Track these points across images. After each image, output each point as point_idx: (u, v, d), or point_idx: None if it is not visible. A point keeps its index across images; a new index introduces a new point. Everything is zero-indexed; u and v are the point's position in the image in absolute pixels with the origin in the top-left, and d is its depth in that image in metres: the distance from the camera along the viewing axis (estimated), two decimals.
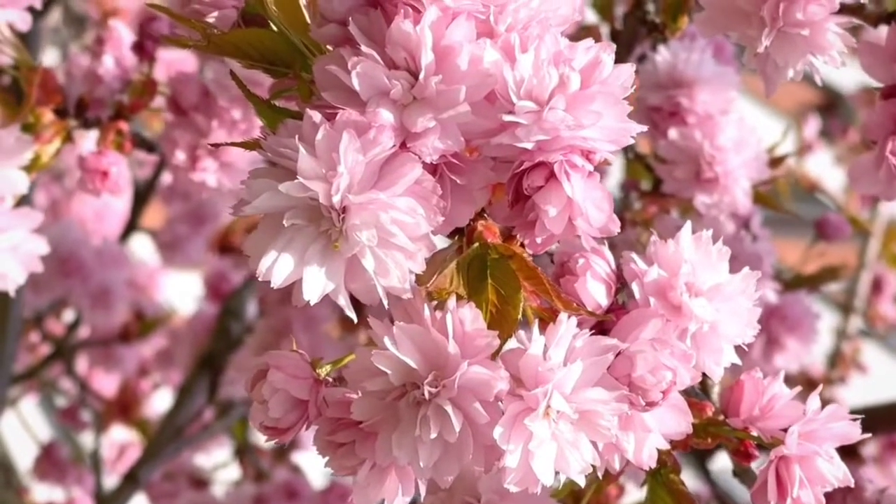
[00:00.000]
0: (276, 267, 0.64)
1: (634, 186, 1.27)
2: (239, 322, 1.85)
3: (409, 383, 0.66)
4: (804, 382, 1.86)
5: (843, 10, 0.84)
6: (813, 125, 2.01)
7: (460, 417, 0.65)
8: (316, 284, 0.64)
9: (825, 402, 0.78)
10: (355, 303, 0.67)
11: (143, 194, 2.09)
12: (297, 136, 0.64)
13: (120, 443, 2.45)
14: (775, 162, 1.30)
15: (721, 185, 1.16)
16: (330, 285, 0.64)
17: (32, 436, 2.25)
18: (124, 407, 2.19)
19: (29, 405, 2.62)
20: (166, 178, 2.04)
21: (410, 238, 0.64)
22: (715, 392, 0.92)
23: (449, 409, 0.64)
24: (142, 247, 2.37)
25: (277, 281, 0.64)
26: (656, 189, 1.24)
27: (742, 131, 1.17)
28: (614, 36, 1.25)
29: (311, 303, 0.64)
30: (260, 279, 0.64)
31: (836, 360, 2.12)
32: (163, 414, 2.01)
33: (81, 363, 2.26)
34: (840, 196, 2.24)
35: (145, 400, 2.25)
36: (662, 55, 1.17)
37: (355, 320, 0.66)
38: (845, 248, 2.00)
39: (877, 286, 2.18)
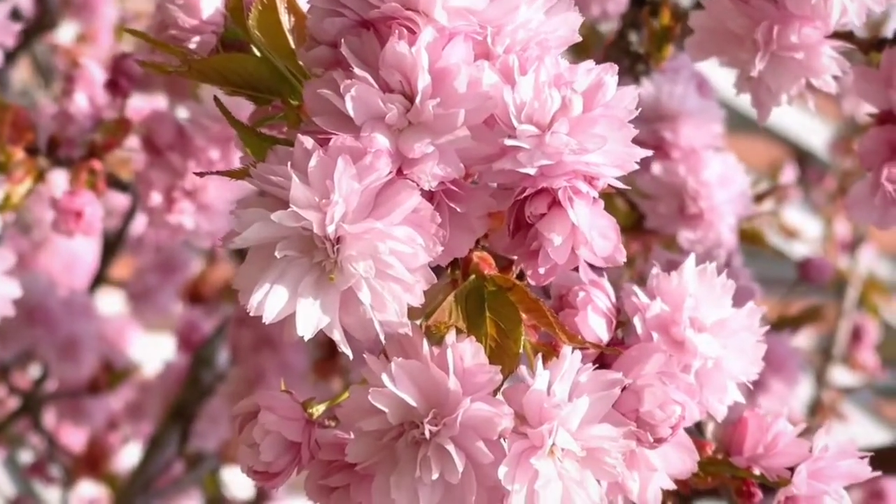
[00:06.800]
0: (269, 301, 0.60)
1: None
2: (210, 370, 1.81)
3: (407, 422, 0.63)
4: None
5: (835, 36, 0.82)
6: (790, 173, 2.02)
7: (462, 457, 0.62)
8: (310, 319, 0.61)
9: None
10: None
11: (111, 245, 2.05)
12: (288, 164, 0.61)
13: (89, 498, 2.39)
14: (759, 198, 1.27)
15: (706, 221, 1.14)
16: (324, 319, 0.61)
17: None
18: (93, 461, 2.13)
19: None
20: (135, 228, 2.00)
21: (408, 269, 0.61)
22: (709, 431, 0.88)
23: (451, 448, 0.61)
24: (109, 301, 2.32)
25: (270, 315, 0.60)
26: (638, 225, 1.21)
27: (727, 166, 1.15)
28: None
29: (305, 339, 0.60)
30: (251, 314, 0.60)
31: (816, 408, 2.10)
32: (132, 467, 1.96)
33: (49, 417, 2.21)
34: (816, 245, 2.24)
35: (114, 454, 2.20)
36: (646, 88, 1.15)
37: (351, 357, 0.62)
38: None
39: (856, 335, 2.17)
